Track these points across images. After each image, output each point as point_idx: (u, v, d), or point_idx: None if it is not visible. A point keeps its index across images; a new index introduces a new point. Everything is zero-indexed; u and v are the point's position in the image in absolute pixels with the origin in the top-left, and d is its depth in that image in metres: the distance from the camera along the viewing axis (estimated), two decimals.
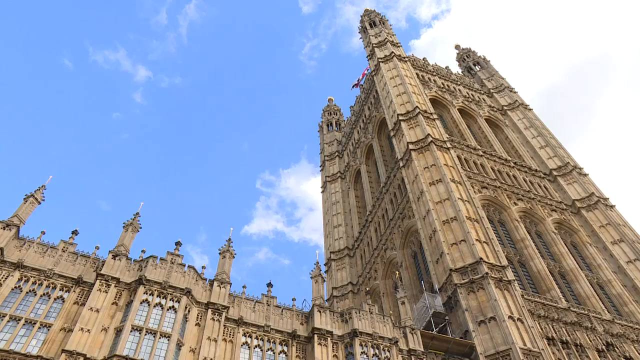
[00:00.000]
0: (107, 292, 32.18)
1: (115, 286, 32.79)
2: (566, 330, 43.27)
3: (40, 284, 31.97)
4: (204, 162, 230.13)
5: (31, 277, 32.02)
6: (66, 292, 32.24)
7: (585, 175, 68.24)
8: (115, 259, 34.21)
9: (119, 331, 30.13)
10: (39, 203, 36.67)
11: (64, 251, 34.38)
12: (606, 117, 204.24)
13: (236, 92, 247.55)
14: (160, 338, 30.12)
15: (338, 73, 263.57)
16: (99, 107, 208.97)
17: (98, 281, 32.48)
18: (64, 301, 31.63)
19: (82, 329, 29.35)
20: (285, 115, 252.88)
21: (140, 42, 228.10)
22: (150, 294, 32.55)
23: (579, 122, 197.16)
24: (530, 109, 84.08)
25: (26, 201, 35.97)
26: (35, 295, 31.32)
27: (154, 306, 31.97)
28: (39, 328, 29.65)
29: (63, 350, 27.97)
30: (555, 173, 68.15)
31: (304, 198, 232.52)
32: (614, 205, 62.65)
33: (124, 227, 37.53)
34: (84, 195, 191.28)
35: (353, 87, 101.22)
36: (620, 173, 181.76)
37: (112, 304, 31.99)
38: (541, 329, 41.70)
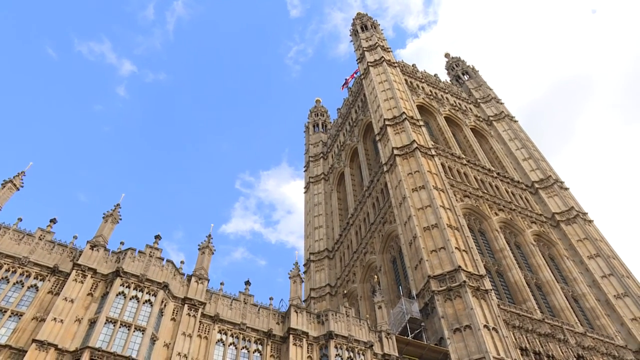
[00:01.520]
0: (82, 283, 31.73)
1: (91, 277, 32.35)
2: (539, 341, 43.66)
3: (14, 272, 31.41)
4: (184, 159, 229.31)
5: (5, 264, 31.46)
6: (41, 280, 31.73)
7: (566, 189, 68.89)
8: (93, 250, 33.80)
9: (92, 322, 29.73)
10: (18, 189, 36.02)
11: (40, 239, 33.83)
12: (585, 136, 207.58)
13: (220, 91, 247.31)
14: (134, 331, 29.80)
15: (323, 78, 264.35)
16: (81, 98, 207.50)
17: (74, 271, 32.03)
18: (37, 290, 31.13)
19: (55, 318, 28.90)
20: (268, 117, 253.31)
21: (126, 36, 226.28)
22: (127, 287, 32.19)
23: (559, 139, 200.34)
24: (515, 121, 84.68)
25: (4, 186, 35.30)
26: (8, 282, 30.76)
27: (130, 299, 31.63)
28: (10, 317, 29.12)
29: (34, 340, 27.47)
30: (537, 185, 68.73)
31: (282, 200, 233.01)
32: (592, 221, 63.38)
33: (103, 217, 36.98)
34: (62, 185, 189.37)
35: (343, 87, 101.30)
36: (596, 189, 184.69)
37: (88, 294, 31.53)
38: (515, 339, 42.02)
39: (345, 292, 62.13)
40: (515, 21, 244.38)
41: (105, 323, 29.54)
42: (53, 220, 35.65)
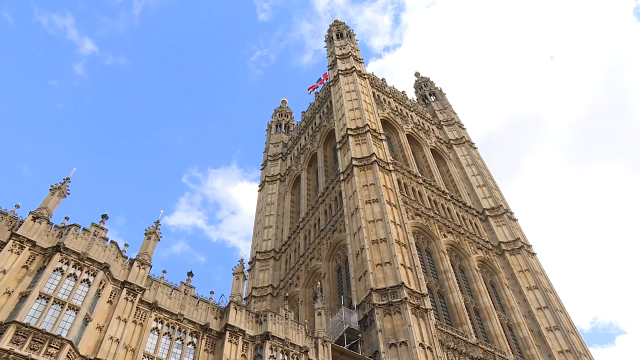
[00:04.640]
0: (19, 254, 30.33)
1: (29, 249, 31.04)
2: None
3: None
4: (135, 147, 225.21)
5: None
6: None
7: (515, 220, 70.55)
8: (35, 221, 32.54)
9: (24, 297, 28.43)
10: None
11: None
12: (532, 174, 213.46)
13: (178, 83, 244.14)
14: (67, 310, 28.77)
15: (283, 86, 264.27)
16: (36, 70, 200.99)
17: (11, 241, 30.66)
18: None
19: None
20: (223, 116, 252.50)
21: (91, 14, 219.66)
22: (65, 263, 31.07)
23: (507, 173, 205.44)
24: (475, 148, 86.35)
25: None
26: None
27: (68, 276, 30.51)
28: None
29: None
30: (487, 213, 70.11)
31: (228, 200, 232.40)
32: (535, 254, 65.11)
33: (50, 190, 35.55)
34: (4, 156, 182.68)
35: (310, 90, 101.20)
36: (537, 224, 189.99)
37: (23, 267, 30.13)
38: None
39: (287, 294, 61.95)
40: (478, 57, 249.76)
41: (38, 298, 28.33)
42: None
